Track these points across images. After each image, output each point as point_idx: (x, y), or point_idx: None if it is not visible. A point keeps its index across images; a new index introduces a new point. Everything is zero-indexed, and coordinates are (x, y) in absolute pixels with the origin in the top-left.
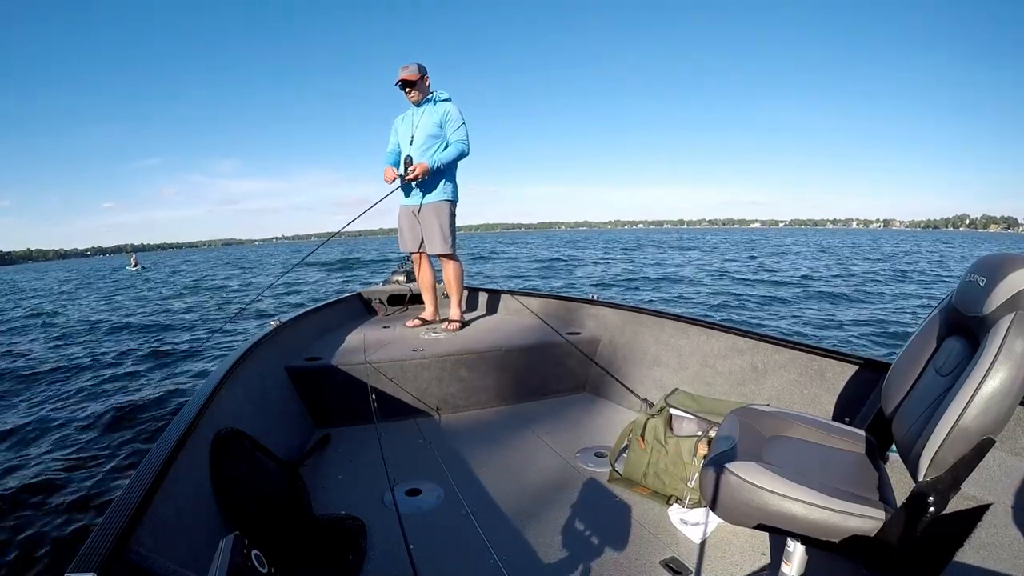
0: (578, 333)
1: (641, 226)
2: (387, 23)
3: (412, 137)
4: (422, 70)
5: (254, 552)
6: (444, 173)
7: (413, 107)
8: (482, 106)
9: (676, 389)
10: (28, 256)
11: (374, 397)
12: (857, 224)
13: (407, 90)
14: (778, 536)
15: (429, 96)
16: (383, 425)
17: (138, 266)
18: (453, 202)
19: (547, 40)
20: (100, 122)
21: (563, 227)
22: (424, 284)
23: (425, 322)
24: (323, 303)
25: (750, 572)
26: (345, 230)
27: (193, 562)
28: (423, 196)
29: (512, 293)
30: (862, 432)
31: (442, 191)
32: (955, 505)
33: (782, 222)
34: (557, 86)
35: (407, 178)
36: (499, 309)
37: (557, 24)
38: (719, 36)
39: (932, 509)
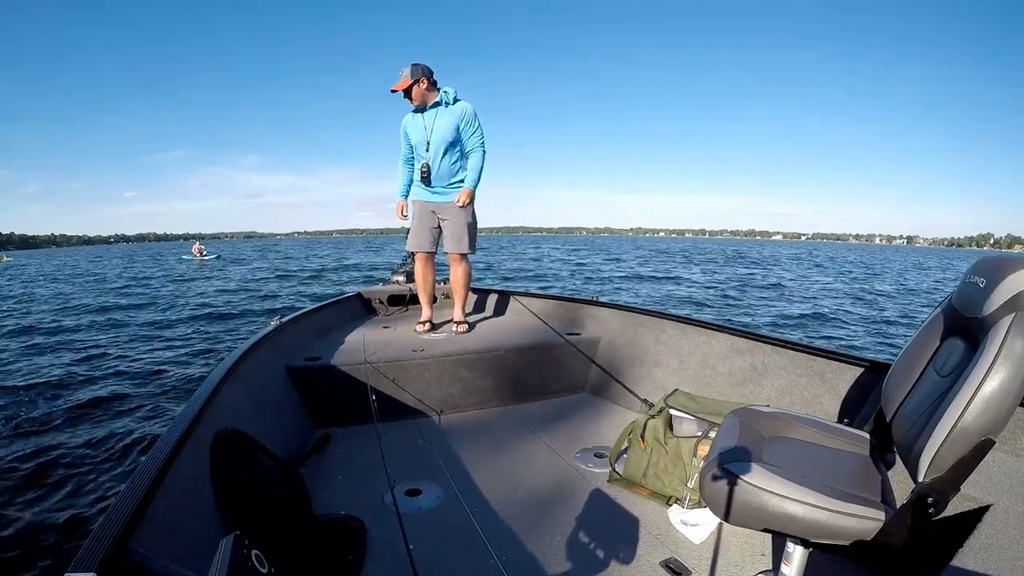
0: (578, 334)
1: (663, 234)
2: (430, 27)
3: (427, 143)
4: (417, 72)
5: (254, 552)
6: (465, 171)
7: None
8: (499, 108)
9: (676, 390)
10: (52, 241)
11: (374, 397)
12: (880, 240)
13: (406, 98)
14: (778, 537)
15: (438, 98)
16: (383, 425)
17: (204, 255)
18: (473, 200)
19: (561, 44)
20: (126, 113)
21: (584, 232)
22: (427, 287)
23: (434, 325)
24: (323, 303)
25: (750, 572)
26: (367, 227)
27: (193, 562)
28: (447, 195)
29: (512, 293)
30: (862, 433)
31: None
32: (955, 506)
33: (804, 235)
34: (578, 90)
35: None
36: (499, 310)
37: (572, 28)
38: (741, 44)
39: (932, 510)
